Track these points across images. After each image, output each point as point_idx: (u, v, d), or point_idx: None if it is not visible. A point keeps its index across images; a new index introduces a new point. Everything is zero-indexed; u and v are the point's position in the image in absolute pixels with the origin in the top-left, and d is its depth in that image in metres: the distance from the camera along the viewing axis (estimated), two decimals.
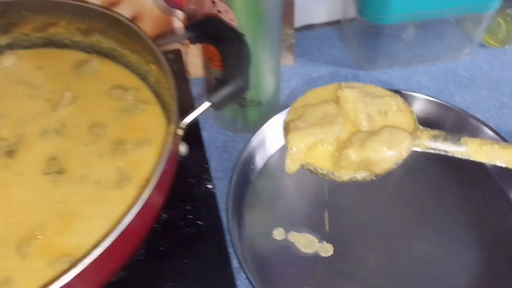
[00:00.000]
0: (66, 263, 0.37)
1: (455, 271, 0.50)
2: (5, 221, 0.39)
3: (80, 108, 0.48)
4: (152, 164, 0.41)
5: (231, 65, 0.39)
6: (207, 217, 0.45)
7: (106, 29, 0.50)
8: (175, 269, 0.42)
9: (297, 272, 0.50)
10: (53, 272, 0.37)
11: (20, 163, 0.44)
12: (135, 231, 0.36)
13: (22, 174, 0.43)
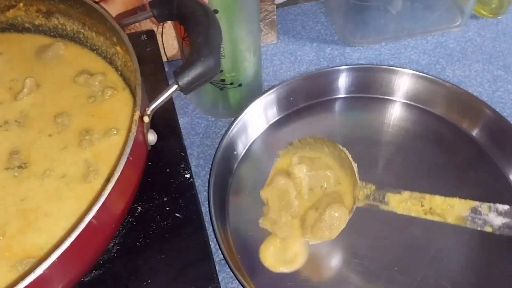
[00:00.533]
0: (30, 265, 0.34)
1: (448, 255, 0.47)
2: None
3: (44, 97, 0.44)
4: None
5: (198, 43, 0.36)
6: (186, 208, 0.42)
7: (67, 10, 0.46)
8: (152, 265, 0.39)
9: None
10: (16, 276, 0.34)
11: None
12: (100, 228, 0.33)
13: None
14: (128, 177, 0.34)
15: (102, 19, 0.42)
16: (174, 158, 0.46)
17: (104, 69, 0.45)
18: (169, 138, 0.47)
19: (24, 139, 0.42)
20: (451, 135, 0.56)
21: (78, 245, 0.30)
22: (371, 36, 0.67)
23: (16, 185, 0.39)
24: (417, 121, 0.58)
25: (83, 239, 0.30)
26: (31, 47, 0.48)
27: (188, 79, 0.35)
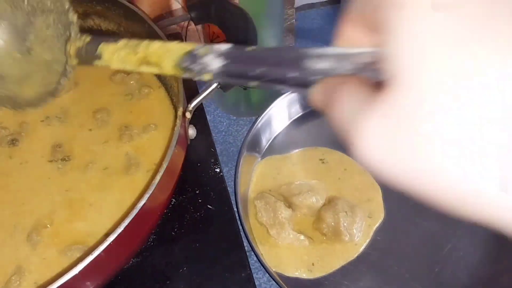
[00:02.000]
0: (78, 251, 0.37)
1: (466, 247, 0.50)
2: (13, 210, 0.38)
3: (82, 94, 0.47)
4: (161, 149, 0.41)
5: (238, 44, 0.38)
6: (217, 200, 0.45)
7: (104, 11, 0.49)
8: (187, 254, 0.41)
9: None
10: (65, 260, 0.36)
11: (24, 152, 0.43)
12: (148, 215, 0.35)
13: (27, 162, 0.42)
14: (172, 168, 0.37)
15: (141, 20, 0.44)
16: (204, 153, 0.48)
17: None
18: (199, 135, 0.49)
19: (66, 134, 0.44)
20: None
21: (130, 230, 0.32)
22: None
23: (60, 176, 0.41)
24: None
25: (134, 224, 0.32)
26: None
27: None
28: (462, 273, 0.48)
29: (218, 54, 0.25)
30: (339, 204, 0.51)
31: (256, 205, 0.51)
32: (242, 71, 0.24)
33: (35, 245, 0.36)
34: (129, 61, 0.32)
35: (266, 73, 0.23)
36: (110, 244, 0.32)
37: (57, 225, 0.38)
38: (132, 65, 0.31)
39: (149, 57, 0.31)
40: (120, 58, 0.32)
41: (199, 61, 0.26)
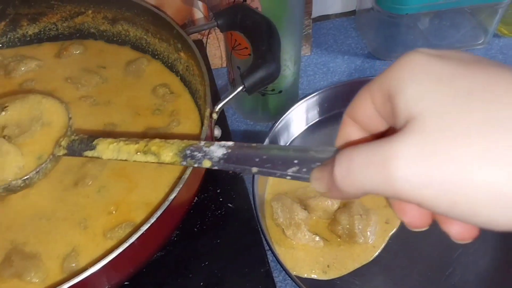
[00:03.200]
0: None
1: (476, 252, 0.51)
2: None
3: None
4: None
5: (263, 50, 0.40)
6: (237, 199, 0.47)
7: (133, 17, 0.51)
8: (209, 249, 0.43)
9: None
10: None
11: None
12: (175, 211, 0.37)
13: None
14: None
15: (169, 27, 0.47)
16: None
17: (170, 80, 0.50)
18: (221, 137, 0.52)
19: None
20: None
21: (160, 223, 0.34)
22: (400, 51, 0.72)
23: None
24: None
25: (164, 218, 0.34)
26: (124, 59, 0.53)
27: (253, 81, 0.39)
28: (471, 277, 0.49)
29: (222, 146, 0.30)
30: (354, 207, 0.52)
31: (273, 206, 0.53)
32: (243, 161, 0.28)
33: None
34: (125, 150, 0.35)
35: (266, 166, 0.27)
36: (134, 243, 0.33)
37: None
38: (126, 154, 0.35)
39: (148, 147, 0.34)
40: (117, 148, 0.35)
41: (203, 149, 0.30)
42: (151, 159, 0.34)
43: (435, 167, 0.19)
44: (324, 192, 0.25)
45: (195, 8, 0.64)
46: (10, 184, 0.38)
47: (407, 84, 0.21)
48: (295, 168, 0.26)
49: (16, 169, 0.39)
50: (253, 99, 0.62)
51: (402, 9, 0.64)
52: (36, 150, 0.40)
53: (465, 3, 0.65)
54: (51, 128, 0.41)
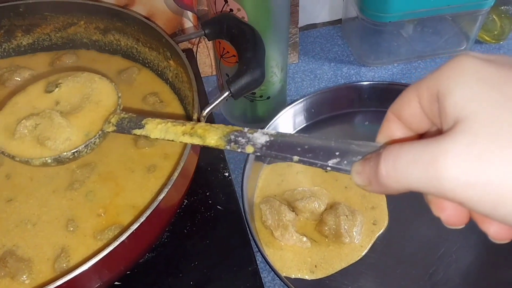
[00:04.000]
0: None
1: (458, 251, 0.53)
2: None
3: None
4: (178, 153, 0.44)
5: (247, 57, 0.42)
6: (226, 201, 0.48)
7: (124, 27, 0.53)
8: (199, 249, 0.45)
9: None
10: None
11: None
12: (163, 213, 0.39)
13: None
14: (186, 169, 0.40)
15: (158, 36, 0.49)
16: (214, 159, 0.52)
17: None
18: None
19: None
20: None
21: (146, 226, 0.36)
22: (384, 57, 0.74)
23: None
24: None
25: (151, 220, 0.36)
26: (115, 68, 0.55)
27: (239, 86, 0.41)
28: (454, 275, 0.51)
29: (265, 133, 0.31)
30: (340, 208, 0.54)
31: (261, 209, 0.55)
32: (285, 149, 0.29)
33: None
34: (172, 131, 0.36)
35: (307, 156, 0.28)
36: (124, 241, 0.35)
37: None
38: (173, 135, 0.36)
39: (195, 129, 0.35)
40: (165, 128, 0.37)
41: (247, 135, 0.32)
42: (197, 141, 0.35)
43: (482, 168, 0.20)
44: (364, 185, 0.26)
45: (185, 17, 0.66)
46: (61, 155, 0.39)
47: (457, 86, 0.22)
48: (336, 160, 0.27)
49: (66, 141, 0.40)
50: (242, 105, 0.64)
51: (385, 17, 0.66)
52: (85, 126, 0.41)
53: (445, 11, 0.67)
54: (100, 106, 0.42)
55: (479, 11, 0.69)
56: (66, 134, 0.40)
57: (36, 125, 0.41)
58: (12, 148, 0.40)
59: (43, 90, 0.44)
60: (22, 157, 0.40)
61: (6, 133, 0.41)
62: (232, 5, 0.51)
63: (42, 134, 0.40)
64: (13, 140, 0.41)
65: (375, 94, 0.66)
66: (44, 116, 0.41)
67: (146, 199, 0.42)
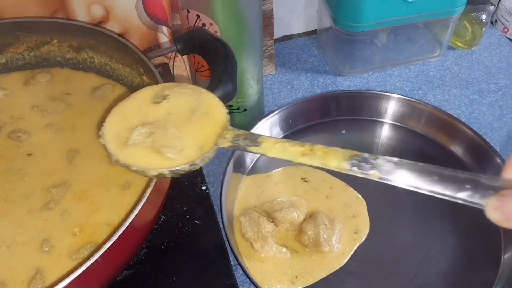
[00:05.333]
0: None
1: (436, 255, 0.53)
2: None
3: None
4: None
5: (219, 71, 0.43)
6: (203, 216, 0.48)
7: (97, 45, 0.53)
8: (176, 265, 0.44)
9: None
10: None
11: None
12: (136, 231, 0.39)
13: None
14: (160, 186, 0.40)
15: (131, 52, 0.49)
16: (191, 173, 0.52)
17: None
18: None
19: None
20: (433, 151, 0.63)
21: (119, 245, 0.36)
22: (359, 66, 0.75)
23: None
24: (404, 140, 0.65)
25: (124, 239, 0.36)
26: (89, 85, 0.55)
27: None
28: (433, 279, 0.52)
29: (388, 160, 0.33)
30: (319, 218, 0.54)
31: (240, 221, 0.55)
32: (415, 178, 0.31)
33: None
34: (291, 151, 0.37)
35: (436, 186, 0.30)
36: (97, 260, 0.35)
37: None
38: (292, 155, 0.37)
39: (314, 151, 0.36)
40: (282, 148, 0.38)
41: (370, 161, 0.33)
42: (316, 162, 0.36)
43: None
44: (501, 220, 0.26)
45: (160, 33, 0.66)
46: (178, 167, 0.39)
47: None
48: (467, 193, 0.28)
49: (181, 152, 0.39)
50: None
51: (358, 27, 0.67)
52: (198, 139, 0.40)
53: (417, 19, 0.69)
54: (209, 119, 0.41)
55: (449, 18, 0.71)
56: (180, 145, 0.40)
57: (151, 134, 0.40)
58: (125, 156, 0.39)
59: (150, 100, 0.43)
60: (138, 166, 0.39)
61: (117, 141, 0.40)
62: (205, 19, 0.51)
63: (158, 142, 0.39)
64: (125, 148, 0.40)
65: (351, 103, 0.67)
66: (158, 126, 0.41)
67: (121, 216, 0.42)
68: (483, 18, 0.76)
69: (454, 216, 0.56)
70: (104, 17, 0.61)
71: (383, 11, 0.66)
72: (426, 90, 0.73)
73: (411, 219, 0.57)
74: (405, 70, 0.76)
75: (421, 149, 0.64)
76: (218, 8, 0.50)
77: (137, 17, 0.63)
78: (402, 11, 0.66)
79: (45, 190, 0.45)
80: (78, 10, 0.59)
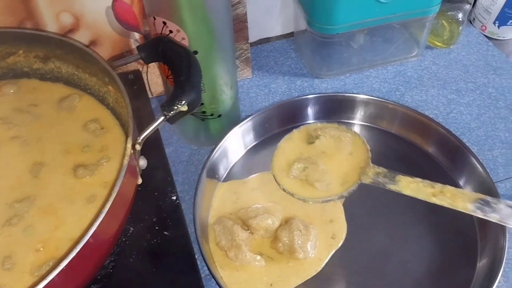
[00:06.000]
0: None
1: (413, 259, 0.53)
2: None
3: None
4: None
5: (182, 81, 0.42)
6: (173, 227, 0.47)
7: (63, 55, 0.52)
8: (145, 278, 0.44)
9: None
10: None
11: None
12: (98, 245, 0.38)
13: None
14: (122, 197, 0.39)
15: (95, 62, 0.48)
16: (161, 182, 0.51)
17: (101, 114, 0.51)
18: (156, 165, 0.53)
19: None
20: (410, 152, 0.63)
21: (79, 260, 0.35)
22: (336, 69, 0.74)
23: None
24: (380, 141, 0.64)
25: (84, 254, 0.35)
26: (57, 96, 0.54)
27: (174, 111, 0.41)
28: (410, 284, 0.51)
29: (509, 205, 0.41)
30: (294, 223, 0.53)
31: (215, 229, 0.54)
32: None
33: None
34: (424, 191, 0.47)
35: None
36: (54, 278, 0.33)
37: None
38: (424, 195, 0.47)
39: (444, 193, 0.46)
40: (416, 188, 0.47)
41: (491, 205, 0.42)
42: (445, 203, 0.45)
43: None
44: None
45: (132, 39, 0.65)
46: (330, 197, 0.51)
47: None
48: None
49: (328, 186, 0.52)
50: (195, 124, 0.63)
51: (333, 30, 0.66)
52: (342, 174, 0.52)
53: (392, 20, 0.68)
54: (353, 157, 0.53)
55: (425, 18, 0.70)
56: (328, 179, 0.52)
57: (305, 168, 0.53)
58: (287, 186, 0.53)
59: (305, 139, 0.57)
60: (300, 195, 0.52)
61: (282, 173, 0.54)
62: (171, 26, 0.50)
63: (311, 176, 0.52)
64: (287, 179, 0.53)
65: (329, 106, 0.66)
66: (311, 162, 0.53)
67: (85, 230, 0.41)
68: (459, 17, 0.76)
69: (430, 220, 0.56)
70: (74, 24, 0.60)
71: (357, 13, 0.65)
72: (403, 91, 0.73)
73: (388, 223, 0.56)
74: (382, 71, 0.76)
75: (397, 149, 0.64)
76: (184, 15, 0.49)
77: (108, 24, 0.62)
78: (377, 12, 0.66)
79: (8, 205, 0.44)
80: (47, 19, 0.58)
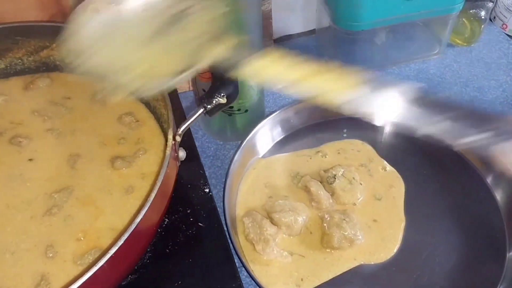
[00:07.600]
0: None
1: (441, 254, 0.53)
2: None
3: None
4: (154, 172, 0.44)
5: (220, 73, 0.42)
6: (207, 218, 0.48)
7: None
8: (181, 268, 0.44)
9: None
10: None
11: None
12: (142, 234, 0.38)
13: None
14: (164, 188, 0.40)
15: None
16: (194, 175, 0.52)
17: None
18: (188, 158, 0.53)
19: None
20: (438, 149, 0.63)
21: (125, 249, 0.35)
22: (358, 66, 0.74)
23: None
24: (407, 139, 0.64)
25: (129, 243, 0.35)
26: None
27: (213, 103, 0.41)
28: (439, 278, 0.51)
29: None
30: (336, 216, 0.54)
31: (244, 222, 0.55)
32: None
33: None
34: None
35: None
36: (103, 265, 0.34)
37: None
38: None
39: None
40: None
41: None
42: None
43: None
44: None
45: None
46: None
47: None
48: None
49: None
50: (221, 120, 0.64)
51: (357, 26, 0.67)
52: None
53: (416, 17, 0.69)
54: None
55: (448, 16, 0.71)
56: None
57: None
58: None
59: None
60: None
61: None
62: None
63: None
64: None
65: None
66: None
67: (125, 221, 0.41)
68: (481, 15, 0.76)
69: (458, 214, 0.56)
70: None
71: (382, 9, 0.65)
72: (426, 89, 0.73)
73: (416, 218, 0.57)
74: (405, 68, 0.76)
75: (423, 147, 0.64)
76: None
77: None
78: (401, 9, 0.66)
79: (47, 195, 0.44)
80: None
